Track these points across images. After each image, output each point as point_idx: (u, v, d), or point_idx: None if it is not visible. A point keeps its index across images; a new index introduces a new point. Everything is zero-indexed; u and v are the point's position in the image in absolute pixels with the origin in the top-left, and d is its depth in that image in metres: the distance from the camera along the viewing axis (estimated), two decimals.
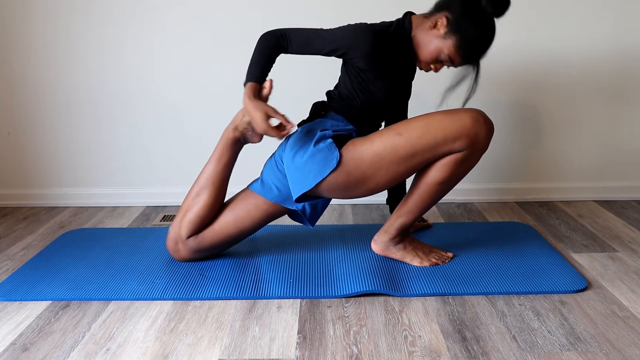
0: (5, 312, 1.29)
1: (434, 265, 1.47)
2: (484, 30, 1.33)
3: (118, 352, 1.13)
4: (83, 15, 1.94)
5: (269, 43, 1.34)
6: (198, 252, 1.51)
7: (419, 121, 1.33)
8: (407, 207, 1.44)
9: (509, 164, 2.10)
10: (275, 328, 1.21)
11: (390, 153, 1.33)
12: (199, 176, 1.51)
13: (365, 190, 1.39)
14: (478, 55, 1.37)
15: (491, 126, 1.33)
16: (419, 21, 1.40)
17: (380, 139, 1.34)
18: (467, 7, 1.32)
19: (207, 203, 1.48)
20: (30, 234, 1.81)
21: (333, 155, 1.34)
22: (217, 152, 1.51)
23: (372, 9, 1.88)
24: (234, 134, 1.48)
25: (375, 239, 1.52)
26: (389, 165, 1.34)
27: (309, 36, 1.36)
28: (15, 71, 1.99)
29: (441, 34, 1.34)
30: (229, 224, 1.48)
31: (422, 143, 1.31)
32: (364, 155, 1.35)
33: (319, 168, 1.35)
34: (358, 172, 1.35)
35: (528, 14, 1.93)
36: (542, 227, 1.81)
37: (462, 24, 1.32)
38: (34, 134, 2.06)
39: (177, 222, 1.50)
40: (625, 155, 2.08)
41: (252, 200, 1.48)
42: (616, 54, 1.97)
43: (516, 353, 1.10)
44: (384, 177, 1.36)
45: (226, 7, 1.93)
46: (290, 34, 1.36)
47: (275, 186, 1.46)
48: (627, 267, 1.49)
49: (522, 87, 2.00)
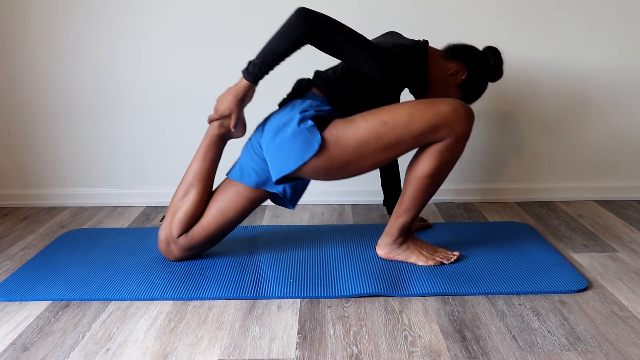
0: (5, 312, 1.29)
1: (439, 265, 1.47)
2: (482, 90, 1.53)
3: (118, 352, 1.13)
4: (83, 16, 1.94)
5: (299, 37, 1.27)
6: (190, 250, 1.51)
7: (403, 110, 1.34)
8: (403, 206, 1.44)
9: (509, 164, 2.10)
10: (275, 328, 1.21)
11: (374, 141, 1.34)
12: (185, 175, 1.51)
13: (347, 174, 1.41)
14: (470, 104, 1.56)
15: (471, 115, 1.35)
16: (436, 57, 1.49)
17: (365, 126, 1.35)
18: (480, 69, 1.49)
19: (195, 200, 1.48)
20: (30, 234, 1.81)
21: (315, 139, 1.34)
22: (202, 150, 1.51)
23: (372, 9, 1.88)
24: (219, 131, 1.48)
25: (379, 243, 1.52)
26: (373, 153, 1.36)
27: (357, 53, 1.32)
28: (15, 71, 1.99)
29: (456, 83, 1.49)
30: (215, 217, 1.48)
31: (405, 133, 1.33)
32: (348, 142, 1.35)
33: (300, 151, 1.35)
34: (342, 157, 1.36)
35: (529, 14, 1.93)
36: (542, 227, 1.81)
37: (473, 83, 1.50)
38: (34, 134, 2.06)
39: (167, 223, 1.50)
40: (625, 155, 2.08)
41: (234, 189, 1.48)
42: (616, 54, 1.97)
43: (516, 353, 1.10)
44: (367, 163, 1.38)
45: (224, 5, 1.93)
46: (334, 39, 1.29)
47: (254, 170, 1.46)
48: (627, 267, 1.49)
49: (523, 87, 2.00)
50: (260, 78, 1.34)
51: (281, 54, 1.29)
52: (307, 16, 1.27)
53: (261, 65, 1.31)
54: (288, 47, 1.29)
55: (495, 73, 1.50)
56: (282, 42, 1.28)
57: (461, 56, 1.48)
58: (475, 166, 2.09)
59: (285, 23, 1.29)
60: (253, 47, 1.99)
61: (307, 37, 1.27)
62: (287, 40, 1.28)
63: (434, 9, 1.93)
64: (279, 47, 1.29)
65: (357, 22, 1.51)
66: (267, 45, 1.30)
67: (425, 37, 1.67)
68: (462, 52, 1.49)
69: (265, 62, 1.30)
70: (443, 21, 1.93)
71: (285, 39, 1.28)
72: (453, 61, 1.48)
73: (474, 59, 1.48)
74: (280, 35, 1.29)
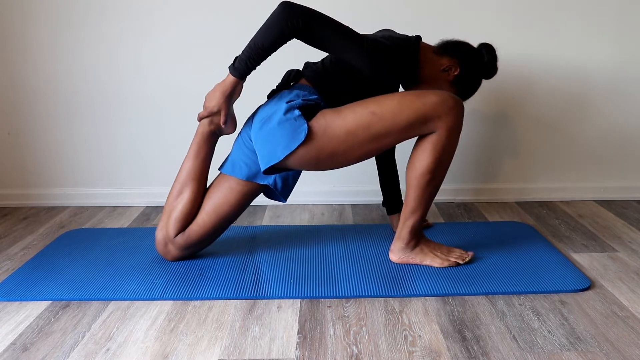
0: (5, 312, 1.29)
1: (455, 266, 1.46)
2: (476, 87, 1.52)
3: (118, 352, 1.13)
4: (83, 16, 1.94)
5: (283, 30, 1.25)
6: (188, 249, 1.51)
7: (391, 100, 1.33)
8: (409, 207, 1.43)
9: (509, 163, 2.10)
10: (275, 328, 1.21)
11: (363, 131, 1.33)
12: (178, 174, 1.51)
13: (336, 164, 1.40)
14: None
15: (460, 106, 1.34)
16: (429, 53, 1.48)
17: (354, 116, 1.34)
18: (473, 65, 1.47)
19: (190, 199, 1.48)
20: (30, 234, 1.81)
21: (301, 128, 1.33)
22: (193, 148, 1.50)
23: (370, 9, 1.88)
24: (209, 128, 1.48)
25: (392, 248, 1.51)
26: (361, 143, 1.34)
27: (345, 45, 1.31)
28: (15, 71, 1.99)
29: (449, 79, 1.48)
30: (210, 213, 1.48)
31: (394, 124, 1.32)
32: (336, 132, 1.34)
33: (287, 140, 1.34)
34: (330, 147, 1.35)
35: (529, 14, 1.93)
36: (542, 227, 1.81)
37: (466, 79, 1.48)
38: (34, 134, 2.06)
39: (164, 224, 1.49)
40: (625, 155, 2.08)
41: (226, 184, 1.48)
42: (617, 54, 1.97)
43: (516, 353, 1.10)
44: (355, 154, 1.37)
45: (223, 6, 1.93)
46: (320, 31, 1.28)
47: (245, 163, 1.45)
48: (627, 267, 1.49)
49: (523, 87, 2.00)
50: (247, 73, 1.33)
51: (267, 49, 1.28)
52: (290, 9, 1.26)
53: (247, 60, 1.30)
54: (273, 41, 1.28)
55: (489, 70, 1.48)
56: (267, 36, 1.27)
57: (454, 52, 1.47)
58: (475, 166, 2.09)
59: (270, 17, 1.28)
60: None
61: (291, 31, 1.26)
62: (272, 34, 1.27)
63: (430, 9, 1.92)
64: (264, 41, 1.28)
65: (352, 22, 1.51)
66: (253, 40, 1.30)
67: (421, 37, 1.67)
68: (455, 48, 1.47)
69: (250, 57, 1.30)
70: (440, 21, 1.93)
71: (270, 33, 1.27)
72: (445, 57, 1.47)
73: (467, 55, 1.47)
74: (265, 30, 1.28)
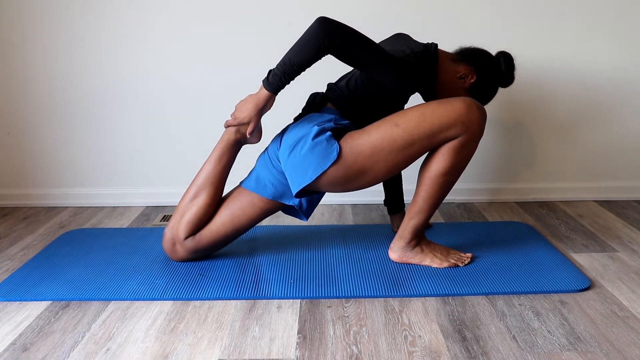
0: (5, 312, 1.29)
1: (453, 267, 1.47)
2: (492, 96, 1.52)
3: (118, 352, 1.13)
4: (83, 16, 1.93)
5: (320, 47, 1.26)
6: (196, 252, 1.51)
7: (414, 111, 1.34)
8: (417, 206, 1.43)
9: (509, 164, 2.10)
10: (275, 328, 1.21)
11: (388, 144, 1.33)
12: (196, 177, 1.51)
13: (364, 182, 1.40)
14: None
15: (484, 112, 1.35)
16: (446, 60, 1.48)
17: (378, 130, 1.35)
18: (490, 73, 1.48)
19: (206, 204, 1.48)
20: (30, 234, 1.81)
21: (332, 148, 1.34)
22: (216, 153, 1.50)
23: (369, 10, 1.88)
24: (235, 136, 1.48)
25: (392, 246, 1.51)
26: (387, 156, 1.34)
27: (376, 63, 1.32)
28: (15, 71, 1.99)
29: (466, 87, 1.48)
30: (226, 223, 1.48)
31: (419, 132, 1.32)
32: (362, 148, 1.34)
33: (318, 161, 1.35)
34: (357, 165, 1.35)
35: (531, 15, 1.93)
36: (542, 227, 1.81)
37: (482, 87, 1.48)
38: (34, 134, 2.06)
39: (175, 224, 1.49)
40: (625, 155, 2.08)
41: (248, 198, 1.48)
42: (617, 54, 1.97)
43: (516, 353, 1.10)
44: (383, 169, 1.36)
45: (226, 7, 1.93)
46: (355, 48, 1.30)
47: (271, 183, 1.46)
48: (627, 267, 1.49)
49: (523, 88, 2.00)
50: (280, 88, 1.33)
51: (302, 64, 1.28)
52: (329, 25, 1.25)
53: (282, 76, 1.30)
54: (310, 57, 1.27)
55: (506, 79, 1.48)
56: (303, 52, 1.27)
57: (471, 60, 1.47)
58: (475, 166, 2.09)
59: (307, 33, 1.27)
60: (255, 50, 2.00)
61: (327, 47, 1.26)
62: (309, 50, 1.26)
63: (439, 14, 1.92)
64: (300, 57, 1.27)
65: (363, 25, 1.50)
66: (288, 55, 1.28)
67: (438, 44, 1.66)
68: (473, 56, 1.48)
69: (285, 72, 1.29)
70: (449, 28, 1.93)
71: (307, 49, 1.27)
72: (463, 64, 1.47)
73: (485, 63, 1.47)
74: (301, 45, 1.27)
